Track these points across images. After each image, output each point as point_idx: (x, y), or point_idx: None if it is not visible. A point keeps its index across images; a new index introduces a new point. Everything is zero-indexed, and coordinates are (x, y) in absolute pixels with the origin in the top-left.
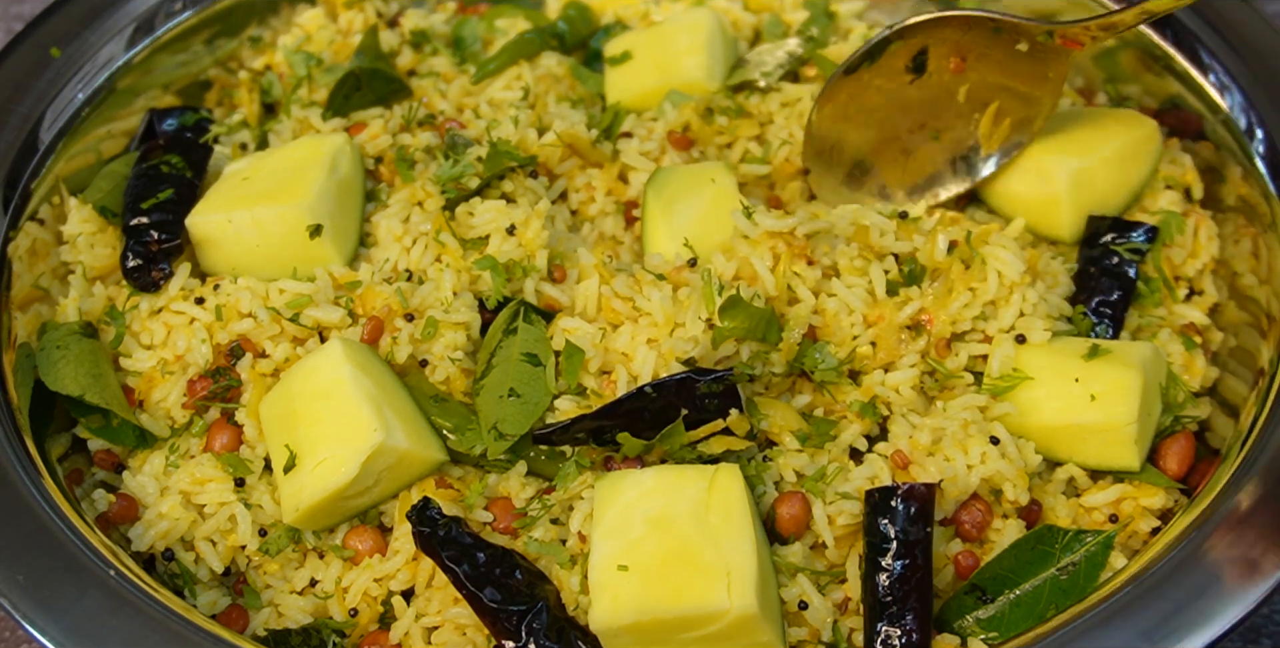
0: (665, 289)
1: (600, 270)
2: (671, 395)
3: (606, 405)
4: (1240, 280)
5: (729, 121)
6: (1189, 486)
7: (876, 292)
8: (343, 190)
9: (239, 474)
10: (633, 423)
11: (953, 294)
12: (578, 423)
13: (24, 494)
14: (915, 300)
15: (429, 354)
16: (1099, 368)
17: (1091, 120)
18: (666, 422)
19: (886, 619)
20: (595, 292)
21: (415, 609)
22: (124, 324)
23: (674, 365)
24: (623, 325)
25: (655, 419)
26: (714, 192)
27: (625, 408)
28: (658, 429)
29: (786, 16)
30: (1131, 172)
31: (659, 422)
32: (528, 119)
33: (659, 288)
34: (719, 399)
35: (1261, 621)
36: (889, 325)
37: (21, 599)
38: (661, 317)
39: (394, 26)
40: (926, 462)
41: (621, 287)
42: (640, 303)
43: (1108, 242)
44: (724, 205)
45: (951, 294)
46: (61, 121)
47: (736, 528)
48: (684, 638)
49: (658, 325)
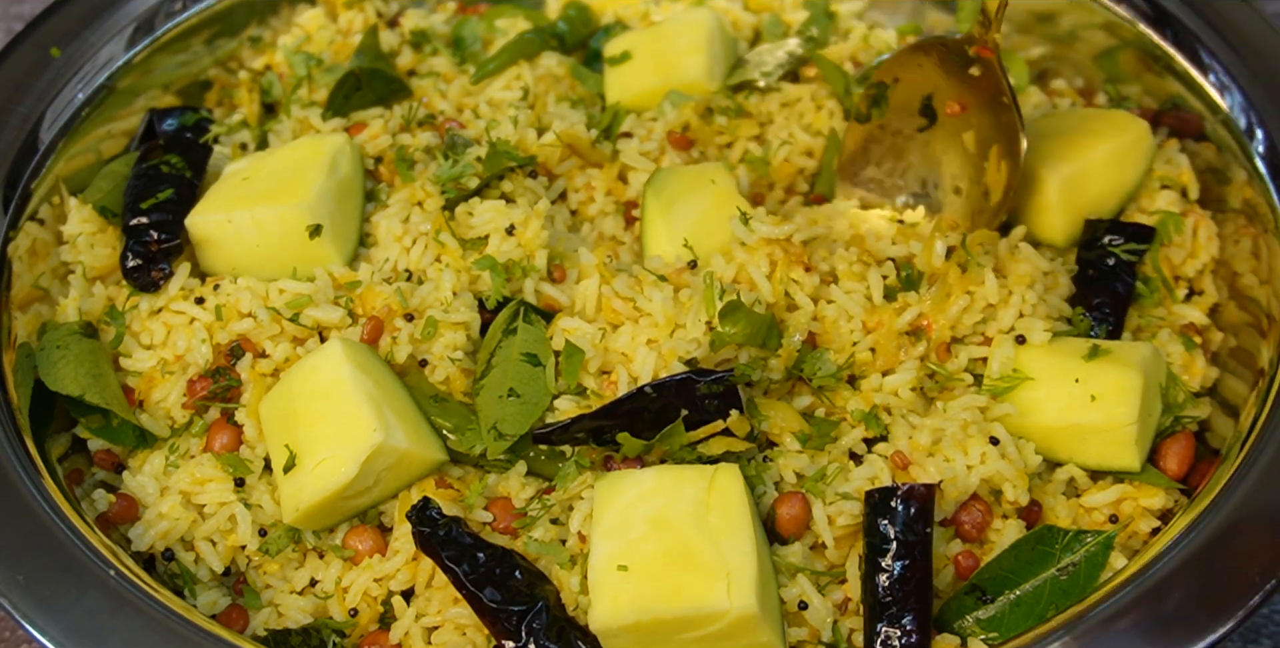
0: (666, 290)
1: (601, 270)
2: (671, 396)
3: (606, 406)
4: (1240, 281)
5: (729, 121)
6: (1189, 486)
7: (875, 297)
8: (343, 190)
9: (239, 474)
10: (632, 423)
11: (951, 298)
12: (577, 423)
13: (24, 494)
14: (914, 306)
15: (429, 354)
16: (1099, 368)
17: (1082, 123)
18: (666, 422)
19: (886, 620)
20: (595, 292)
21: (415, 609)
22: (124, 324)
23: (675, 365)
24: (623, 326)
25: (655, 419)
26: (714, 192)
27: (625, 408)
28: (657, 429)
29: (786, 16)
30: (1124, 174)
31: (659, 422)
32: (527, 119)
33: (660, 289)
34: (719, 400)
35: (1261, 621)
36: (888, 331)
37: (21, 599)
38: (662, 318)
39: (394, 26)
40: (926, 462)
41: (622, 287)
42: (641, 303)
43: (1105, 243)
44: (724, 206)
45: (950, 299)
46: (61, 121)
47: (736, 528)
48: (684, 638)
49: (658, 326)
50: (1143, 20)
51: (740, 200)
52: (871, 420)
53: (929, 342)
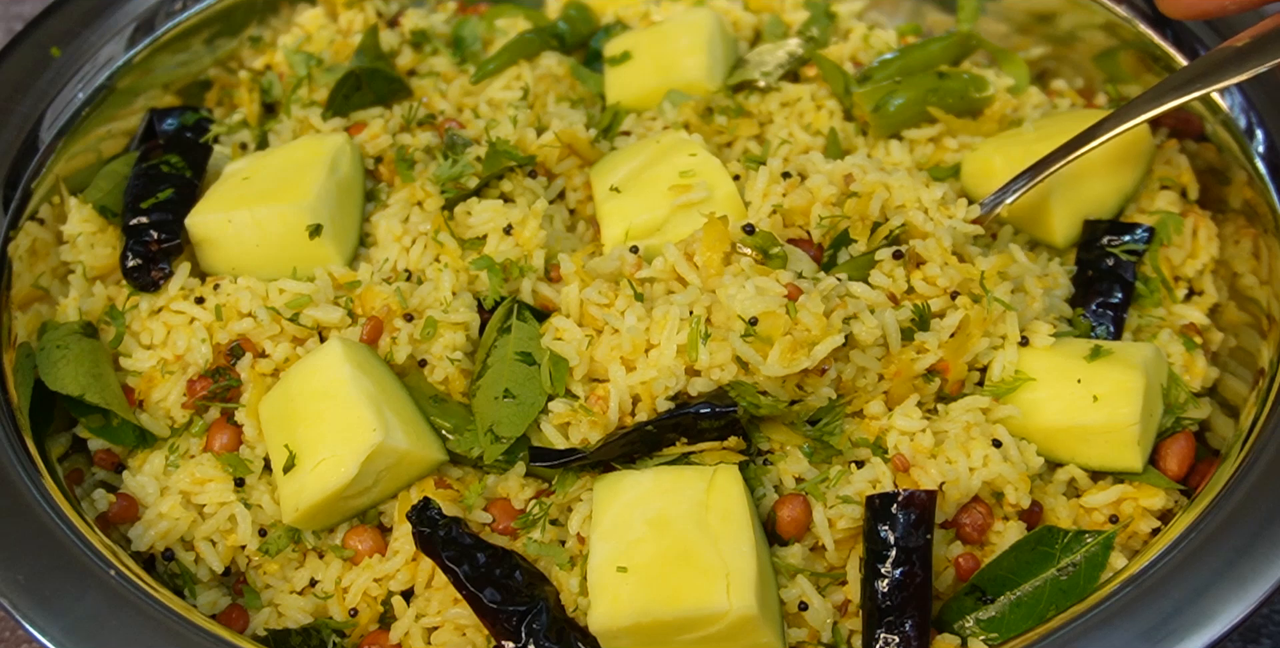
0: (637, 308)
1: (580, 275)
2: (670, 428)
3: (603, 444)
4: (1240, 281)
5: (729, 121)
6: (1189, 486)
7: (892, 346)
8: (343, 190)
9: (239, 474)
10: (631, 453)
11: (972, 340)
12: (577, 459)
13: (24, 494)
14: (931, 352)
15: (428, 354)
16: (1101, 369)
17: (1082, 125)
18: (665, 445)
19: (885, 626)
20: (578, 297)
21: (415, 609)
22: (124, 324)
23: (660, 403)
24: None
25: (652, 446)
26: (665, 164)
27: (623, 441)
28: (654, 451)
29: (786, 16)
30: (1123, 175)
31: (656, 446)
32: (526, 119)
33: (633, 308)
34: (718, 431)
35: (1261, 621)
36: (904, 378)
37: (21, 599)
38: (629, 345)
39: (394, 26)
40: (928, 464)
41: (594, 294)
42: (613, 322)
43: (1104, 244)
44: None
45: (971, 340)
46: (61, 121)
47: (736, 529)
48: (683, 639)
49: (634, 343)
50: (1143, 20)
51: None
52: (877, 449)
53: (945, 382)
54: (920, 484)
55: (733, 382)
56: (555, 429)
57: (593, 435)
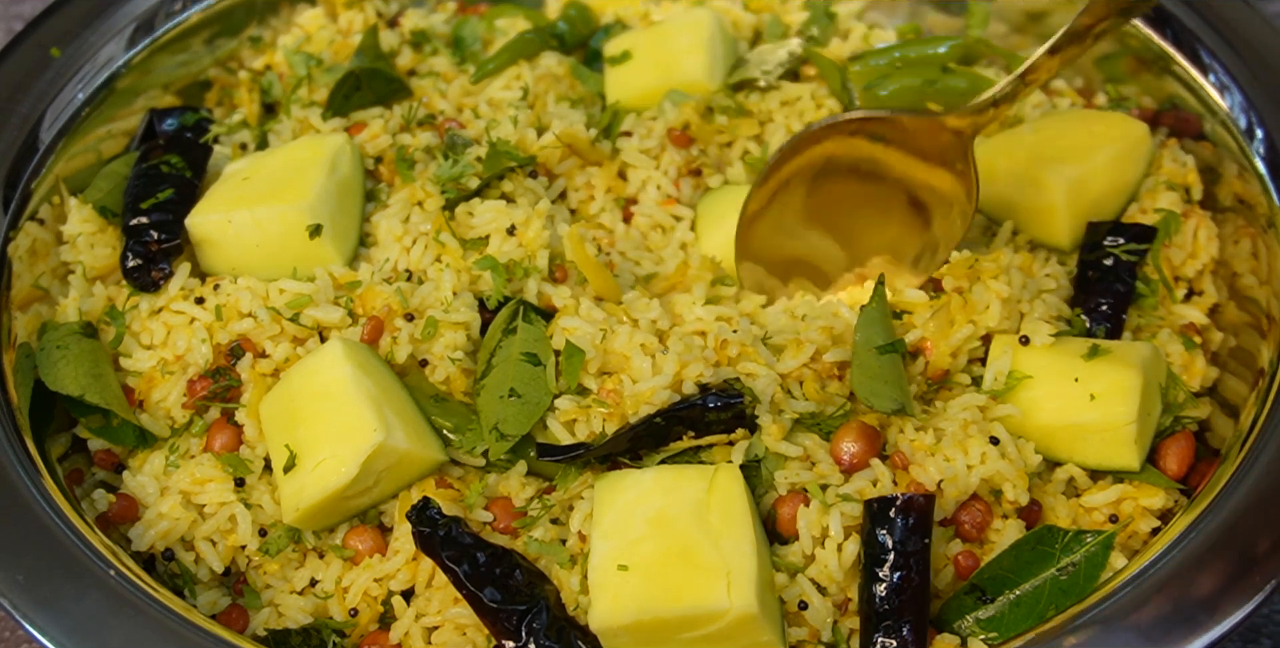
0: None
1: (579, 250)
2: (678, 421)
3: (613, 437)
4: (1240, 281)
5: (729, 121)
6: (1189, 486)
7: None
8: (343, 190)
9: (239, 474)
10: (636, 448)
11: (954, 327)
12: (585, 452)
13: (24, 494)
14: (917, 328)
15: (429, 354)
16: (1099, 368)
17: (1083, 125)
18: (671, 438)
19: (883, 630)
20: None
21: (415, 609)
22: (124, 324)
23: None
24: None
25: (658, 440)
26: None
27: (631, 434)
28: (660, 444)
29: (786, 17)
30: (1125, 175)
31: (663, 439)
32: (527, 119)
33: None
34: (725, 423)
35: (1261, 621)
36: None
37: (21, 599)
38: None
39: (394, 26)
40: (926, 462)
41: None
42: (634, 311)
43: (1105, 243)
44: None
45: (953, 327)
46: (61, 121)
47: (736, 528)
48: (684, 638)
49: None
50: (1142, 20)
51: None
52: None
53: (927, 364)
54: (919, 481)
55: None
56: (562, 426)
57: (609, 427)
